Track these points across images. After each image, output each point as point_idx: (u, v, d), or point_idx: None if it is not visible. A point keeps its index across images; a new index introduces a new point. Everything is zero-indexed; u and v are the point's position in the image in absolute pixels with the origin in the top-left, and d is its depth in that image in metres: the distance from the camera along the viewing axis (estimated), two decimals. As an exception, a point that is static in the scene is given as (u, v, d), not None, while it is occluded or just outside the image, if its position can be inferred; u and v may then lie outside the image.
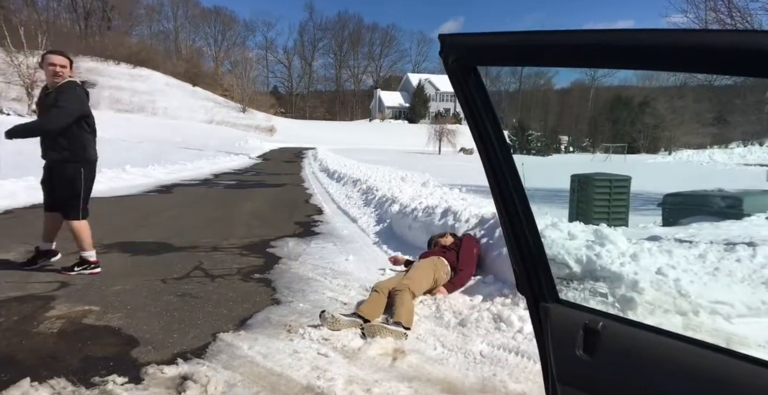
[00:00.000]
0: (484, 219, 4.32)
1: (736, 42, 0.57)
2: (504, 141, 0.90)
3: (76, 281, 3.58)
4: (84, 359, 2.34)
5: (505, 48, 0.78)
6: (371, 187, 8.47)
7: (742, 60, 0.57)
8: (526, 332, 2.66)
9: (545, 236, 3.51)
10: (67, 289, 3.41)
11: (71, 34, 46.21)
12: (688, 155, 31.59)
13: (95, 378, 2.15)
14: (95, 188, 3.87)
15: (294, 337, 2.65)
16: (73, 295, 3.28)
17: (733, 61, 0.58)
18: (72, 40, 40.86)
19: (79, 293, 3.32)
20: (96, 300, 3.18)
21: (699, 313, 2.52)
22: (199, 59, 70.96)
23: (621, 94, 45.79)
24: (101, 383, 2.10)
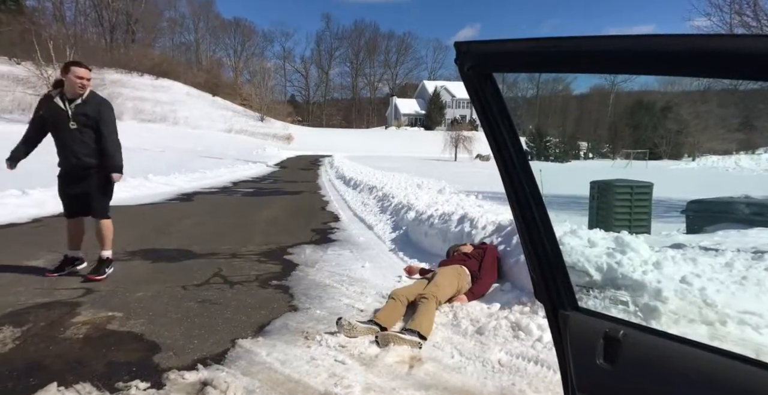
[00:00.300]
0: (502, 226, 4.29)
1: (760, 47, 0.56)
2: (520, 148, 0.90)
3: (100, 288, 3.67)
4: (108, 364, 2.39)
5: (521, 55, 0.79)
6: (387, 194, 8.48)
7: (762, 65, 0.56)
8: (545, 341, 2.62)
9: (564, 243, 3.46)
10: (92, 295, 3.49)
11: (97, 48, 47.76)
12: (712, 161, 30.71)
13: (119, 383, 2.19)
14: (119, 196, 4.01)
15: (311, 344, 2.66)
16: (97, 301, 3.36)
17: (757, 67, 0.57)
18: (98, 53, 42.22)
19: (104, 300, 3.40)
20: (119, 306, 3.25)
21: (726, 323, 2.45)
22: (219, 70, 72.52)
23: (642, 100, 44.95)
24: (125, 388, 2.15)
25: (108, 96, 25.20)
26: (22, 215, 6.72)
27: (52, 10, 49.80)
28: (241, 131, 52.01)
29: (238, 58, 77.79)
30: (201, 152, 26.75)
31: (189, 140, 34.85)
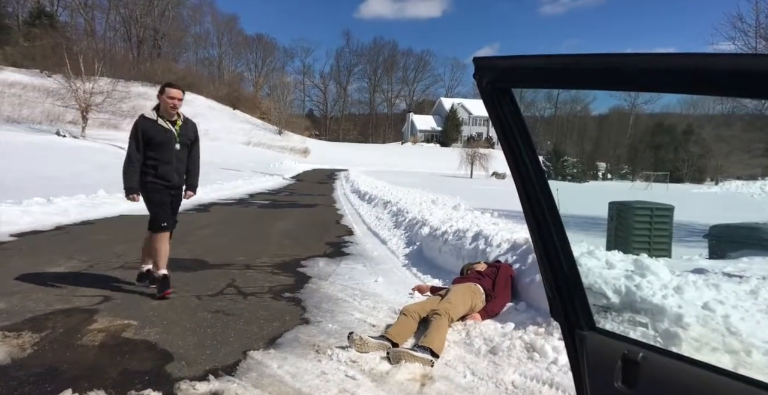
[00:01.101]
0: (517, 244, 4.24)
1: None
2: (538, 164, 0.90)
3: (117, 296, 3.72)
4: (122, 372, 2.42)
5: (539, 71, 0.79)
6: (402, 209, 8.48)
7: None
8: (560, 363, 2.56)
9: (581, 264, 3.39)
10: (109, 303, 3.55)
11: (125, 61, 49.43)
12: (736, 185, 29.95)
13: (131, 391, 2.21)
14: (139, 207, 4.08)
15: (322, 358, 2.65)
16: (114, 309, 3.41)
17: None
18: (125, 67, 43.68)
19: (120, 308, 3.44)
20: (135, 315, 3.29)
21: (752, 353, 2.36)
22: (240, 83, 74.21)
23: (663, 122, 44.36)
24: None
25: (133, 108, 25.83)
26: (46, 222, 6.89)
27: (83, 25, 51.99)
28: (259, 144, 52.80)
29: (259, 72, 79.59)
30: (219, 164, 27.19)
31: (208, 152, 35.42)
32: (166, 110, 3.74)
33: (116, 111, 27.25)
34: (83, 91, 24.34)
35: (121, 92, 27.00)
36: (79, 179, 12.44)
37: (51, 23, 38.57)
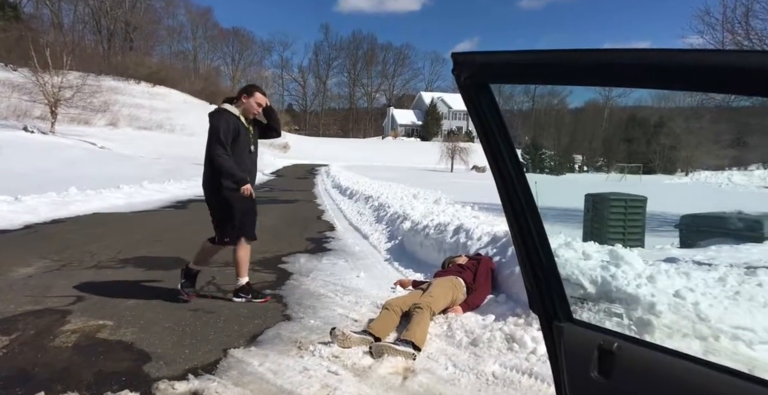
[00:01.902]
0: (497, 237, 4.29)
1: (750, 62, 0.57)
2: (516, 158, 0.91)
3: (91, 296, 3.63)
4: (97, 373, 2.36)
5: (517, 66, 0.80)
6: (383, 204, 8.49)
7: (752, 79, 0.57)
8: (539, 353, 2.61)
9: (558, 255, 3.46)
10: (83, 303, 3.45)
11: (94, 55, 47.86)
12: (705, 176, 31.06)
13: (108, 392, 2.16)
14: (114, 203, 3.94)
15: (304, 354, 2.64)
16: (88, 309, 3.32)
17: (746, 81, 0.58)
18: (95, 60, 42.30)
19: (95, 308, 3.36)
20: (110, 315, 3.21)
21: (719, 338, 2.45)
22: (217, 78, 72.77)
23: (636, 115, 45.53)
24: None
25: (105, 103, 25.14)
26: (15, 221, 6.66)
27: (50, 16, 50.04)
28: (237, 140, 51.84)
29: (236, 66, 78.18)
30: (195, 160, 26.70)
31: (185, 147, 34.79)
32: (247, 112, 3.53)
33: (87, 106, 26.38)
34: (51, 86, 23.46)
35: (92, 87, 26.13)
36: (49, 176, 12.04)
37: (15, 15, 37.01)
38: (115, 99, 39.16)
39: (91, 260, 4.81)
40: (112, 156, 21.49)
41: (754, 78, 0.56)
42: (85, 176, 12.67)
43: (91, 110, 27.19)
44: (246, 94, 3.54)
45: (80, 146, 22.29)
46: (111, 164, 17.94)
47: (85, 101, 25.60)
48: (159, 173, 15.94)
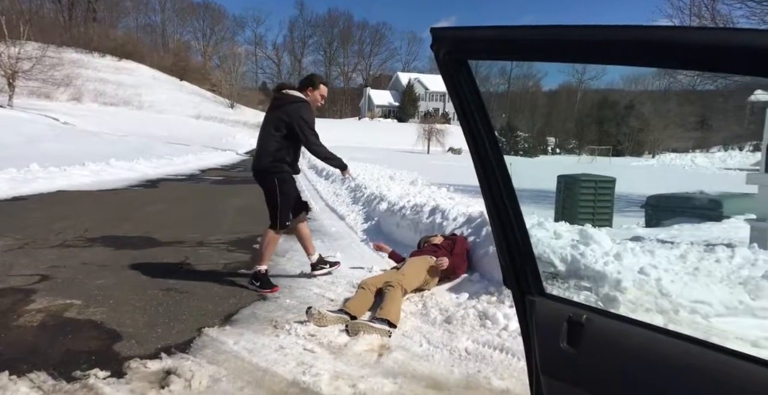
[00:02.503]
0: (472, 218, 4.35)
1: (723, 40, 0.58)
2: (494, 136, 0.91)
3: (57, 275, 3.52)
4: (65, 353, 2.31)
5: (496, 42, 0.79)
6: (360, 185, 8.46)
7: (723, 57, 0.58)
8: (511, 329, 2.69)
9: (531, 235, 3.55)
10: (48, 282, 3.35)
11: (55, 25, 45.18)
12: (671, 158, 32.23)
13: (76, 372, 2.12)
14: (81, 181, 3.81)
15: (280, 333, 2.64)
16: (54, 288, 3.22)
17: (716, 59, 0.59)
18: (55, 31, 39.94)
19: (61, 287, 3.26)
20: (78, 294, 3.13)
21: (679, 312, 2.58)
22: (187, 53, 69.97)
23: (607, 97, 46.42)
24: (83, 377, 2.07)
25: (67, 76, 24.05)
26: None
27: (4, -18, 46.71)
28: (210, 118, 50.55)
29: (207, 42, 75.34)
30: (167, 138, 25.88)
31: (154, 125, 33.63)
32: (313, 106, 3.58)
33: (48, 79, 25.09)
34: (8, 57, 22.13)
35: (53, 59, 24.80)
36: (8, 152, 11.47)
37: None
38: (78, 73, 37.26)
39: (56, 239, 4.65)
40: (77, 132, 20.58)
41: (732, 56, 0.57)
42: (48, 153, 12.14)
43: (52, 84, 25.90)
44: (312, 87, 3.56)
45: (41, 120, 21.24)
46: (75, 141, 17.21)
47: (45, 73, 24.34)
48: (127, 151, 15.40)
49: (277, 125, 3.39)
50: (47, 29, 34.14)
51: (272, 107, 3.51)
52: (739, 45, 0.56)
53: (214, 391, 2.02)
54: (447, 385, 2.16)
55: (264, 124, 3.52)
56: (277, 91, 3.61)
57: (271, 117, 3.45)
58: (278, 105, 3.45)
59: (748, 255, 3.44)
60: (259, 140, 3.52)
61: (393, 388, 2.10)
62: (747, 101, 9.38)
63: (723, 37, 0.58)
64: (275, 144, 3.41)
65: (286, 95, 3.49)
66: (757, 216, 4.37)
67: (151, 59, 57.87)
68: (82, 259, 4.00)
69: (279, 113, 3.41)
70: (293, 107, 3.41)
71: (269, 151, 3.42)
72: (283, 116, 3.39)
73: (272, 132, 3.41)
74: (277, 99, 3.50)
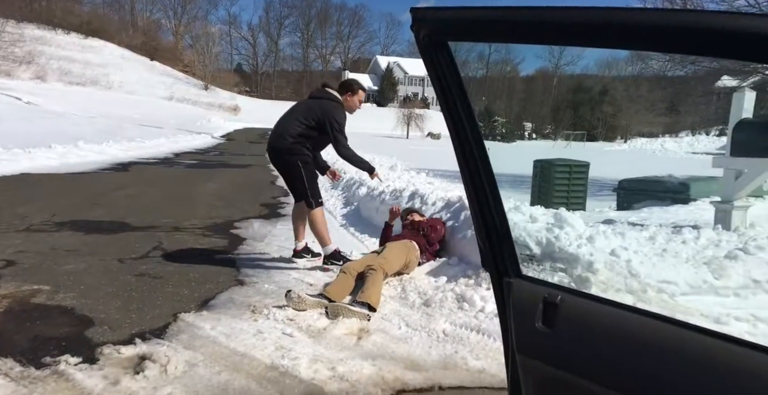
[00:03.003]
0: (451, 202, 4.39)
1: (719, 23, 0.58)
2: (473, 117, 0.90)
3: (24, 260, 3.40)
4: (33, 339, 2.24)
5: (478, 23, 0.77)
6: (338, 169, 8.37)
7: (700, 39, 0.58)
8: (487, 311, 2.75)
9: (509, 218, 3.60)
10: (14, 268, 3.23)
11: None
12: (641, 143, 33.14)
13: (46, 358, 2.06)
14: (47, 164, 3.67)
15: (258, 317, 2.63)
16: (20, 274, 3.11)
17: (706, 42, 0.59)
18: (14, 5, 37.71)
19: (28, 272, 3.15)
20: (46, 279, 3.03)
21: (647, 292, 2.68)
22: (157, 32, 67.28)
23: (582, 83, 47.07)
24: (53, 363, 2.03)
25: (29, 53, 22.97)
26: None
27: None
28: (183, 100, 49.05)
29: (179, 21, 72.38)
30: (138, 120, 25.04)
31: (124, 106, 32.41)
32: (348, 110, 3.61)
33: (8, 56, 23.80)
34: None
35: (13, 35, 23.51)
36: None
37: None
38: (41, 50, 35.45)
39: (21, 223, 4.48)
40: (41, 112, 19.68)
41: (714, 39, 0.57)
42: (10, 133, 11.59)
43: (12, 61, 24.61)
44: (351, 92, 3.62)
45: (2, 99, 20.22)
46: (40, 121, 16.47)
47: (5, 49, 23.08)
48: (96, 133, 14.84)
49: (307, 115, 3.49)
50: (6, 3, 32.21)
51: (311, 97, 3.65)
52: (723, 28, 0.56)
53: (191, 376, 2.00)
54: (425, 366, 2.20)
55: (294, 108, 3.62)
56: (321, 87, 3.71)
57: (305, 106, 3.58)
58: (317, 97, 3.58)
59: (712, 236, 3.59)
60: (281, 122, 3.56)
61: (372, 370, 2.12)
62: (714, 87, 9.66)
63: (719, 20, 0.58)
64: (299, 129, 3.48)
65: (327, 92, 3.60)
66: (721, 198, 4.55)
67: (119, 38, 55.45)
68: (50, 244, 3.87)
69: (314, 105, 3.54)
70: (330, 105, 3.51)
71: (292, 133, 3.49)
72: (317, 109, 3.48)
73: (299, 118, 3.50)
74: (319, 91, 3.63)
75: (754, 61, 0.60)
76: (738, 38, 0.56)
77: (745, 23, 0.56)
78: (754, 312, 2.35)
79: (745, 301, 2.56)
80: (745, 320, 2.28)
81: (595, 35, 0.68)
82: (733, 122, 4.40)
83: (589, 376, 0.81)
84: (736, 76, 8.82)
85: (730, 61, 7.77)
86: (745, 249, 3.09)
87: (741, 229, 4.23)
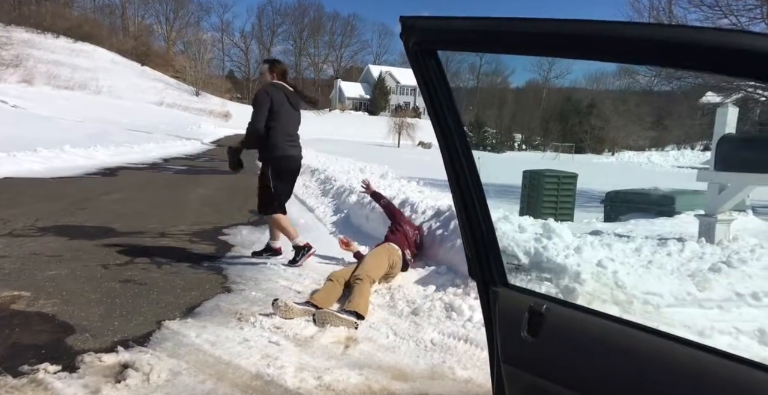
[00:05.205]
0: (440, 211, 4.40)
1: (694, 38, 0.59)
2: (461, 126, 0.91)
3: (4, 265, 3.32)
4: (11, 346, 2.19)
5: (466, 33, 0.79)
6: (329, 177, 8.39)
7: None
8: (475, 320, 2.74)
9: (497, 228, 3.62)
10: (-7, 274, 3.16)
11: (3, 1, 42.27)
12: (629, 156, 33.66)
13: (24, 366, 2.01)
14: (32, 168, 3.61)
15: (245, 325, 2.59)
16: (0, 279, 3.04)
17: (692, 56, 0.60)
18: (4, 8, 37.40)
19: (8, 278, 3.08)
20: (27, 285, 2.96)
21: (633, 303, 2.70)
22: (149, 37, 67.03)
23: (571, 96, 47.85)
24: (31, 371, 1.97)
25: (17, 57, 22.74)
26: None
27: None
28: (173, 105, 48.84)
29: (171, 27, 72.32)
30: (127, 125, 24.82)
31: (113, 111, 32.10)
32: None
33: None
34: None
35: (1, 37, 23.26)
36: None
37: None
38: (29, 53, 35.07)
39: (3, 228, 4.39)
40: (27, 116, 19.41)
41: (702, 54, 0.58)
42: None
43: (1, 64, 24.29)
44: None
45: (-12, 104, 19.91)
46: (26, 125, 16.25)
47: (-9, 52, 22.77)
48: (84, 138, 14.65)
49: None
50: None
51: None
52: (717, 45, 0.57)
53: (174, 385, 1.96)
54: (412, 376, 2.19)
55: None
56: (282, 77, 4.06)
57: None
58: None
59: (696, 249, 3.63)
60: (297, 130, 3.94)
61: (359, 379, 2.10)
62: (699, 103, 9.87)
63: (705, 36, 0.59)
64: None
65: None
66: (705, 212, 4.62)
67: (110, 42, 55.16)
68: (32, 249, 3.80)
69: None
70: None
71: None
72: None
73: None
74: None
75: (738, 77, 0.62)
76: (723, 54, 0.57)
77: (731, 40, 0.57)
78: (736, 325, 2.38)
79: (728, 313, 2.60)
80: (728, 332, 2.30)
81: (582, 48, 0.70)
82: (717, 136, 4.50)
83: (573, 386, 0.81)
84: (720, 93, 9.03)
85: (715, 77, 7.96)
86: (728, 262, 3.13)
87: (724, 242, 4.30)
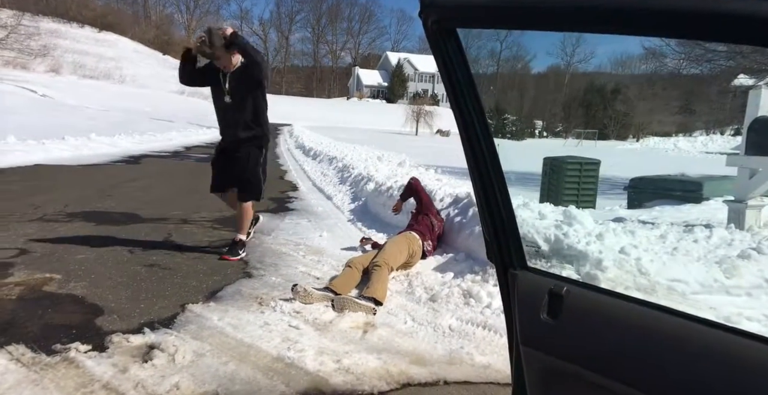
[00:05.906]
0: (459, 199, 4.37)
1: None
2: (482, 108, 0.89)
3: (36, 249, 3.45)
4: (44, 326, 2.28)
5: (488, 8, 0.76)
6: (347, 165, 8.40)
7: None
8: (494, 307, 2.73)
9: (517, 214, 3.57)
10: (26, 256, 3.28)
11: (30, -8, 43.20)
12: (654, 142, 32.65)
13: (56, 345, 2.10)
14: (60, 156, 3.71)
15: (265, 309, 2.64)
16: (32, 262, 3.17)
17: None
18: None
19: (40, 261, 3.20)
20: (57, 268, 3.08)
21: (656, 290, 2.65)
22: (170, 26, 67.81)
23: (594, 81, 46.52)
24: (63, 350, 2.06)
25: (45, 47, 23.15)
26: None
27: (-27, -56, 44.28)
28: (194, 94, 49.26)
29: (191, 15, 72.89)
30: (150, 114, 25.26)
31: (136, 100, 32.70)
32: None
33: (24, 49, 24.09)
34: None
35: (29, 28, 23.79)
36: None
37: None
38: (56, 43, 35.83)
39: (35, 213, 4.55)
40: (55, 105, 19.93)
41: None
42: (25, 125, 11.76)
43: (28, 54, 24.91)
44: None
45: (18, 92, 20.52)
46: (54, 114, 16.70)
47: (21, 43, 23.35)
48: (109, 126, 15.00)
49: None
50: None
51: None
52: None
53: (198, 366, 2.02)
54: (430, 361, 2.20)
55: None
56: None
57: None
58: None
59: (724, 235, 3.53)
60: None
61: (377, 364, 2.13)
62: (730, 86, 9.46)
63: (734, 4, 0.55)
64: None
65: None
66: (734, 198, 4.47)
67: (132, 32, 55.96)
68: (62, 234, 3.93)
69: None
70: None
71: None
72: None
73: None
74: None
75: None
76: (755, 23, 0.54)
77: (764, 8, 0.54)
78: (766, 312, 2.31)
79: (758, 301, 2.52)
80: (757, 319, 2.24)
81: (607, 21, 0.66)
82: (749, 120, 4.32)
83: (593, 368, 0.80)
84: (753, 75, 8.63)
85: (747, 59, 7.60)
86: (758, 249, 3.03)
87: (755, 228, 4.16)
